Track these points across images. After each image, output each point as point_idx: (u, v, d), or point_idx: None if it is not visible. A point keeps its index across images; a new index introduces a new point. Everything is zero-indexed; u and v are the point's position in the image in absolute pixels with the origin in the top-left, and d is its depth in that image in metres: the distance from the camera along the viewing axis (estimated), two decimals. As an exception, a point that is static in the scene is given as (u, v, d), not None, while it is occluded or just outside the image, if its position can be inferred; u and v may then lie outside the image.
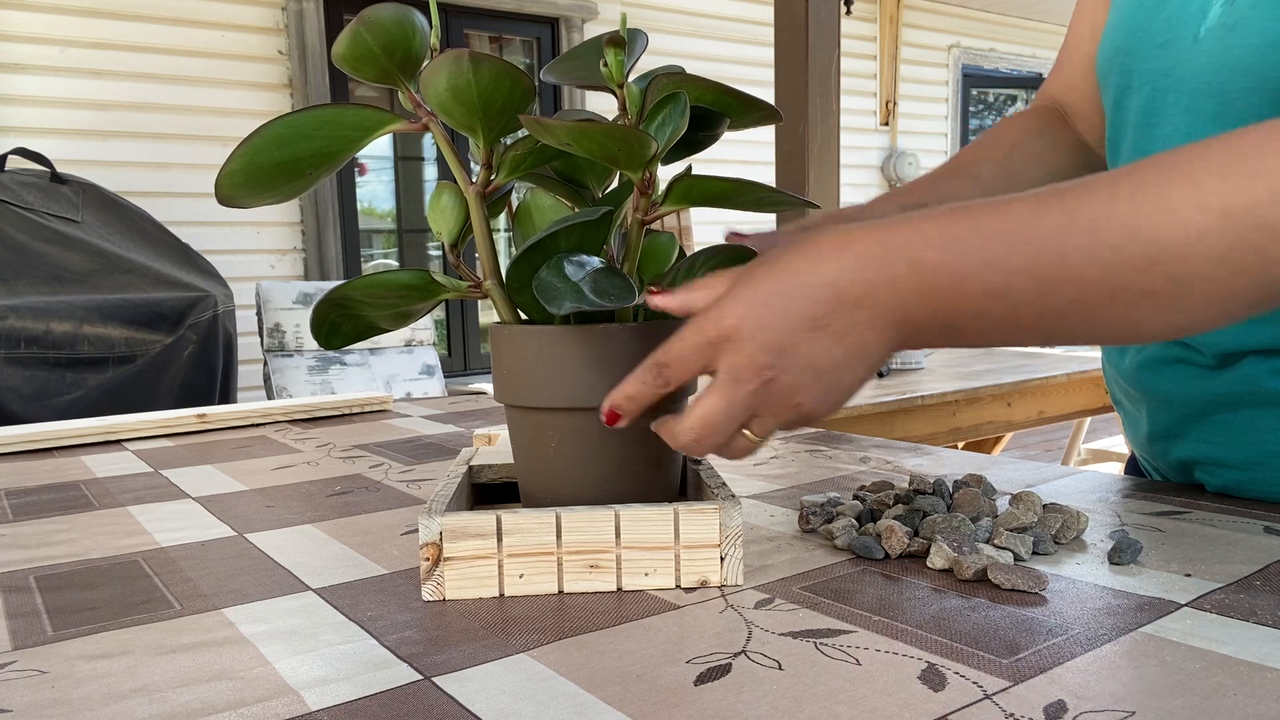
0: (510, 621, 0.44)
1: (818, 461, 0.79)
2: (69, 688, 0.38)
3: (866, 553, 0.52)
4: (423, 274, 0.51)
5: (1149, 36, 0.62)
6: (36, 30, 3.06)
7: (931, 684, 0.36)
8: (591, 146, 0.46)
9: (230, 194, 0.48)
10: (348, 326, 0.54)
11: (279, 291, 2.79)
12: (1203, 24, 0.57)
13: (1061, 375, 2.25)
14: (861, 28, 5.21)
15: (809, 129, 2.23)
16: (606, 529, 0.47)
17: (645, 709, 0.35)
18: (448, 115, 0.48)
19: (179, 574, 0.53)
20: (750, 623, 0.43)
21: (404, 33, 0.47)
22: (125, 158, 3.23)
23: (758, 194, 0.49)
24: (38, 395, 2.00)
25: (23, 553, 0.58)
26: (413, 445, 0.93)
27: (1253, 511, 0.59)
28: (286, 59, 3.50)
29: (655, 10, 4.40)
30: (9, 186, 2.21)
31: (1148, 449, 0.71)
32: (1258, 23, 0.53)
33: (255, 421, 1.09)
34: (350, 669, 0.39)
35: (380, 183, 3.96)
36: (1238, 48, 0.54)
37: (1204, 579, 0.47)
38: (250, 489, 0.74)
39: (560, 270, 0.46)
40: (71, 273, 2.11)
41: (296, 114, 0.47)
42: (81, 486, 0.77)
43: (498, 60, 0.45)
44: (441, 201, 0.53)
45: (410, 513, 0.65)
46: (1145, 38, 0.62)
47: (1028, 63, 6.00)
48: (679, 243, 0.56)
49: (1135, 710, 0.33)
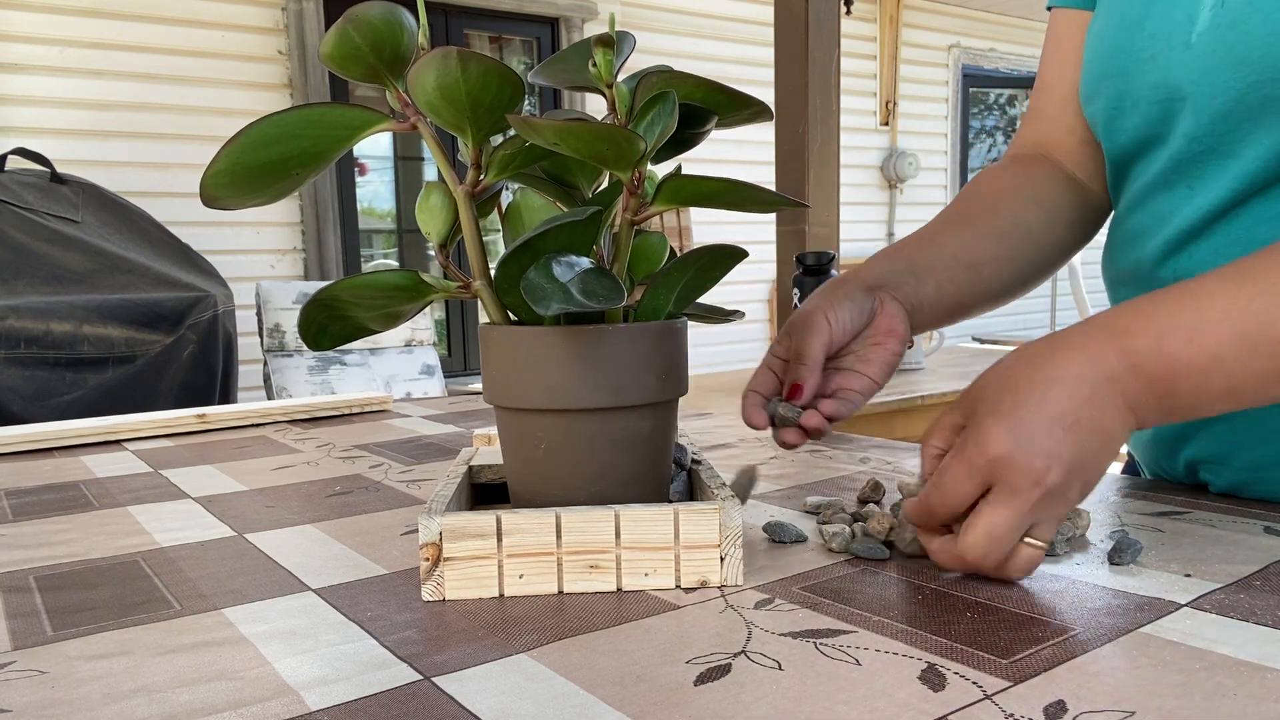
0: (510, 622, 0.44)
1: (818, 462, 0.79)
2: (69, 688, 0.38)
3: (871, 554, 0.52)
4: (411, 274, 0.51)
5: (1133, 55, 0.63)
6: (36, 30, 3.06)
7: (931, 684, 0.36)
8: (579, 146, 0.46)
9: (216, 195, 0.48)
10: (335, 327, 0.53)
11: (279, 291, 2.79)
12: (1193, 30, 0.58)
13: (1061, 375, 2.24)
14: (861, 28, 5.21)
15: (809, 129, 2.22)
16: (606, 529, 0.47)
17: (645, 709, 0.35)
18: (436, 114, 0.48)
19: (179, 574, 0.53)
20: (750, 623, 0.43)
21: (392, 31, 0.46)
22: (125, 158, 3.23)
23: (747, 194, 0.49)
24: (38, 395, 2.00)
25: (23, 553, 0.58)
26: (413, 445, 0.93)
27: (1253, 511, 0.59)
28: (286, 59, 3.50)
29: (655, 10, 4.40)
30: (9, 186, 2.21)
31: (1151, 451, 0.71)
32: (1259, 16, 0.54)
33: (255, 421, 1.09)
34: (350, 669, 0.39)
35: (380, 183, 3.96)
36: (1241, 44, 0.55)
37: (1204, 579, 0.47)
38: (250, 489, 0.74)
39: (548, 271, 0.46)
40: (71, 273, 2.11)
41: (283, 113, 0.47)
42: (81, 486, 0.77)
43: (486, 58, 0.45)
44: (430, 201, 0.52)
45: (410, 513, 0.65)
46: (1129, 57, 0.63)
47: (1028, 63, 6.00)
48: (669, 243, 0.56)
49: (1135, 710, 0.33)
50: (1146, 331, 0.46)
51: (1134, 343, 0.46)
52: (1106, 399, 0.45)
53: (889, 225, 5.47)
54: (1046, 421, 0.44)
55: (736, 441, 0.90)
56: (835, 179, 2.31)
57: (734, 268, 0.53)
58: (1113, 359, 0.46)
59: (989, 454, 0.44)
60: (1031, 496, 0.44)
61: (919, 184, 5.57)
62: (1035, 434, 0.44)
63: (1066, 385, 0.45)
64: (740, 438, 0.92)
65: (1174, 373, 0.45)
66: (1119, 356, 0.46)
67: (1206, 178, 0.59)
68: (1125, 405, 0.46)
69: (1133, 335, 0.46)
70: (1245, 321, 0.45)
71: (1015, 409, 0.45)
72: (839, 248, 2.32)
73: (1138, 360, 0.46)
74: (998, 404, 0.46)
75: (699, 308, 0.58)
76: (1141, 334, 0.46)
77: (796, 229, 2.33)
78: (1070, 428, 0.44)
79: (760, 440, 0.90)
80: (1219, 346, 0.45)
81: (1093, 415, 0.45)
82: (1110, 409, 0.45)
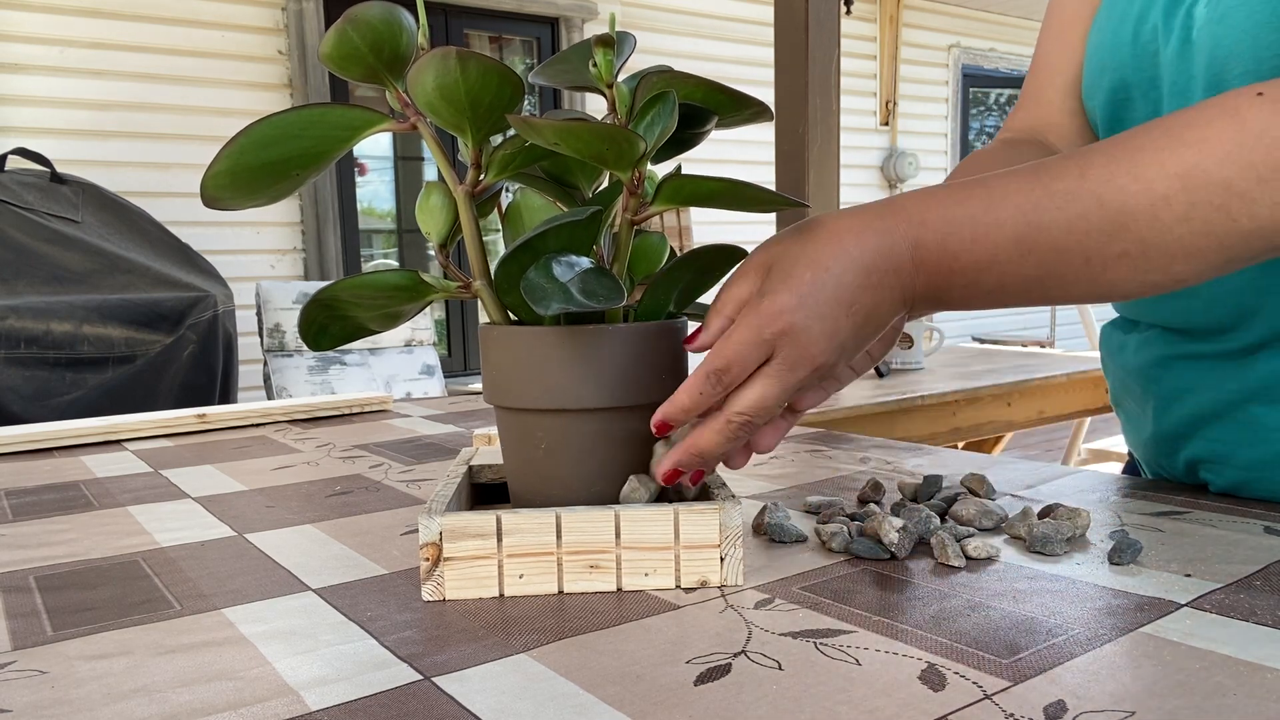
0: (510, 621, 0.44)
1: (818, 462, 0.79)
2: (69, 688, 0.38)
3: (872, 554, 0.52)
4: (411, 274, 0.51)
5: (1134, 49, 0.63)
6: (36, 30, 3.06)
7: (931, 684, 0.36)
8: (579, 146, 0.46)
9: (216, 195, 0.48)
10: (335, 327, 0.53)
11: (279, 291, 2.79)
12: (1192, 26, 0.59)
13: (1061, 375, 2.25)
14: (861, 28, 5.21)
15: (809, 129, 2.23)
16: (606, 529, 0.47)
17: (645, 709, 0.35)
18: (435, 114, 0.48)
19: (179, 574, 0.53)
20: (750, 623, 0.43)
21: (391, 31, 0.46)
22: (125, 158, 3.23)
23: (747, 193, 0.49)
24: (38, 395, 2.00)
25: (23, 553, 0.58)
26: (413, 445, 0.93)
27: (1253, 511, 0.59)
28: (286, 59, 3.50)
29: (655, 10, 4.40)
30: (9, 186, 2.21)
31: (1151, 450, 0.71)
32: (1244, 10, 0.55)
33: (255, 421, 1.09)
34: (350, 669, 0.39)
35: (380, 183, 3.96)
36: (1228, 38, 0.56)
37: (1204, 579, 0.47)
38: (250, 489, 0.74)
39: (548, 271, 0.46)
40: (71, 273, 2.11)
41: (282, 114, 0.47)
42: (81, 486, 0.77)
43: (485, 58, 0.45)
44: (430, 201, 0.52)
45: (410, 513, 0.65)
46: (1130, 52, 0.63)
47: (1027, 63, 6.00)
48: (669, 243, 0.56)
49: (1135, 710, 0.33)
50: (939, 225, 0.46)
51: (925, 234, 0.46)
52: (886, 288, 0.46)
53: (889, 225, 5.47)
54: (834, 302, 0.45)
55: (736, 441, 0.90)
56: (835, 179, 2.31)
57: (734, 268, 0.53)
58: (903, 248, 0.46)
59: (778, 325, 0.45)
60: (803, 373, 0.46)
61: (919, 184, 5.57)
62: (822, 313, 0.45)
63: (857, 268, 0.46)
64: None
65: (951, 270, 0.47)
66: (910, 247, 0.46)
67: None
68: (901, 294, 0.47)
69: (927, 227, 0.47)
70: (1026, 225, 0.45)
71: (810, 285, 0.45)
72: (839, 248, 2.30)
73: (923, 254, 0.46)
74: (793, 275, 0.46)
75: (699, 307, 0.58)
76: (934, 227, 0.46)
77: (796, 229, 2.32)
78: (851, 312, 0.46)
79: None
80: (997, 249, 0.46)
81: (871, 301, 0.46)
82: (887, 296, 0.47)
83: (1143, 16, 0.63)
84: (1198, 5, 0.58)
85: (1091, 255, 0.45)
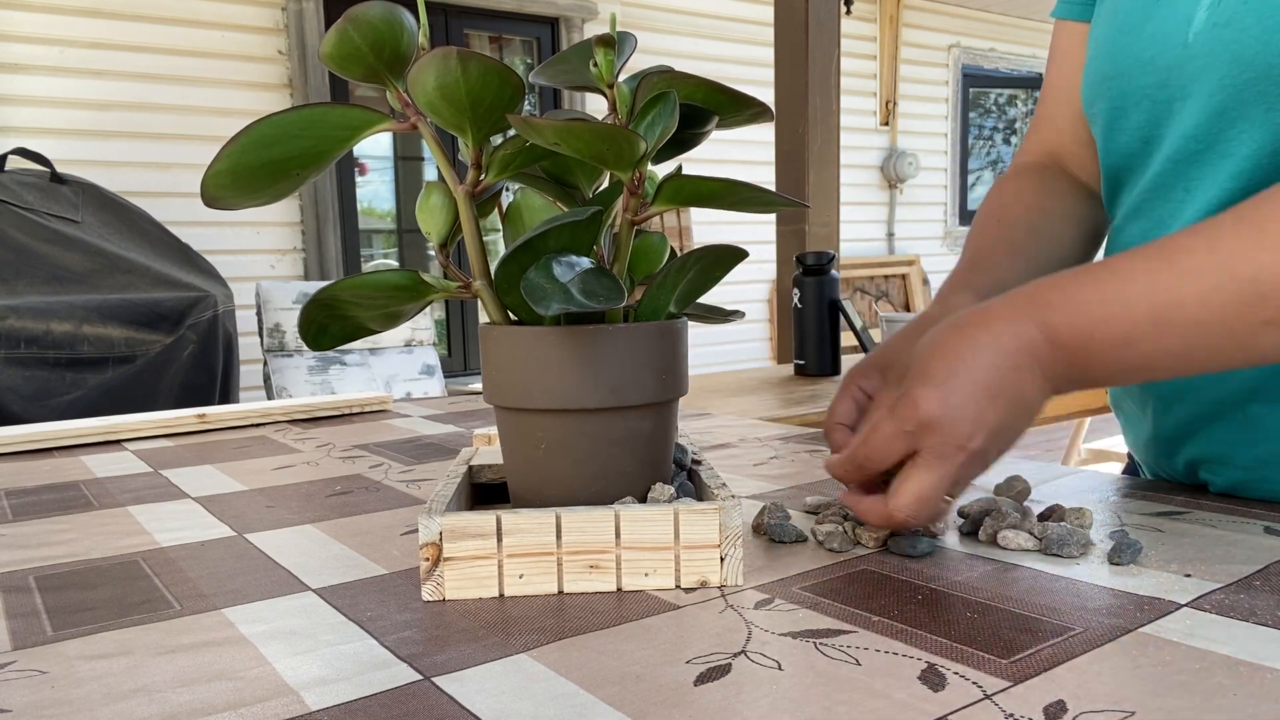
0: (510, 621, 0.44)
1: (818, 461, 0.79)
2: (69, 688, 0.38)
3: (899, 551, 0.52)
4: (411, 274, 0.51)
5: (1134, 56, 0.63)
6: (36, 30, 3.06)
7: (931, 684, 0.36)
8: (580, 146, 0.46)
9: (217, 195, 0.48)
10: (335, 327, 0.53)
11: (279, 291, 2.79)
12: (1190, 29, 0.58)
13: (1061, 375, 2.24)
14: (861, 28, 5.21)
15: (809, 129, 2.23)
16: (606, 529, 0.47)
17: (645, 709, 0.35)
18: (436, 114, 0.48)
19: (179, 574, 0.53)
20: (750, 623, 0.43)
21: (392, 31, 0.46)
22: (125, 158, 3.23)
23: (747, 194, 0.49)
24: (38, 395, 2.00)
25: (23, 553, 0.58)
26: (413, 445, 0.93)
27: (1253, 511, 0.59)
28: (286, 59, 3.50)
29: (655, 10, 4.40)
30: (9, 186, 2.21)
31: (1150, 451, 0.71)
32: (1254, 14, 0.54)
33: (255, 421, 1.09)
34: (350, 669, 0.39)
35: (380, 183, 3.96)
36: (1237, 41, 0.55)
37: (1204, 579, 0.47)
38: (250, 489, 0.74)
39: (548, 271, 0.46)
40: (71, 273, 2.11)
41: (283, 114, 0.47)
42: (81, 486, 0.77)
43: (486, 58, 0.45)
44: (430, 201, 0.52)
45: (410, 513, 0.65)
46: (1130, 58, 0.64)
47: (1027, 63, 6.00)
48: (669, 243, 0.56)
49: (1135, 710, 0.33)
50: (1066, 306, 0.48)
51: (1053, 316, 0.48)
52: (1027, 370, 0.48)
53: (889, 225, 5.47)
54: (974, 390, 0.47)
55: (736, 441, 0.90)
56: (835, 179, 2.31)
57: (734, 268, 0.53)
58: (1034, 331, 0.48)
59: (921, 418, 0.47)
60: (956, 460, 0.47)
61: (919, 184, 5.57)
62: (964, 401, 0.46)
63: (993, 355, 0.47)
64: (740, 438, 0.92)
65: (1088, 349, 0.48)
66: (1040, 329, 0.48)
67: (1204, 179, 0.60)
68: (1043, 376, 0.48)
69: (1053, 309, 0.48)
70: (1159, 303, 0.47)
71: (947, 376, 0.47)
72: (839, 248, 2.32)
73: (1056, 334, 0.48)
74: (929, 370, 0.48)
75: (699, 308, 0.58)
76: (1061, 308, 0.48)
77: (796, 229, 2.33)
78: (994, 396, 0.47)
79: (760, 440, 0.90)
80: (1133, 326, 0.47)
81: (1015, 384, 0.47)
82: (1030, 379, 0.48)
83: (1141, 24, 0.63)
84: (1199, 9, 0.58)
85: (1235, 327, 0.46)
